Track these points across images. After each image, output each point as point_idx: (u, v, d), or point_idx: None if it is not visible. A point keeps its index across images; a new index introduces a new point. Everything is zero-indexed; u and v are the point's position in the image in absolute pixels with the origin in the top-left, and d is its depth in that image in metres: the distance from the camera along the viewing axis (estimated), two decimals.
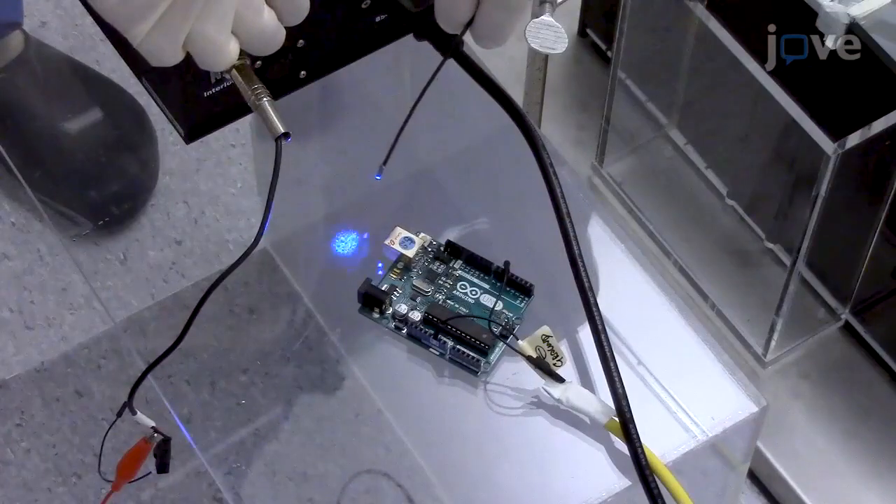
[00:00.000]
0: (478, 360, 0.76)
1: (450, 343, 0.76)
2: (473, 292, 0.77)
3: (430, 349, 0.76)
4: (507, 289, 0.77)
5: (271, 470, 0.95)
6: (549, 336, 0.77)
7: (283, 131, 0.72)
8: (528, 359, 0.76)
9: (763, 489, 1.13)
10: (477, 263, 0.78)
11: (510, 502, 0.77)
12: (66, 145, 1.24)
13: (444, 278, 0.75)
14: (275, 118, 0.72)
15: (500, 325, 0.76)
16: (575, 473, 0.77)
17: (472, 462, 0.78)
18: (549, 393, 0.76)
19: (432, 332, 0.76)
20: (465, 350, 0.76)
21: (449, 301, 0.77)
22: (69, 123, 1.25)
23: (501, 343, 0.76)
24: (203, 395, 0.72)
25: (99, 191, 1.24)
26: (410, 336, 0.78)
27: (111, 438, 1.04)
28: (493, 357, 0.77)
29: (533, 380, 0.77)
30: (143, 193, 1.26)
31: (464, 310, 0.76)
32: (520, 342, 0.76)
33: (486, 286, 0.77)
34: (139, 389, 0.71)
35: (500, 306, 0.77)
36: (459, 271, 0.77)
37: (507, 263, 0.77)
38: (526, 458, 0.78)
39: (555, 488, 0.77)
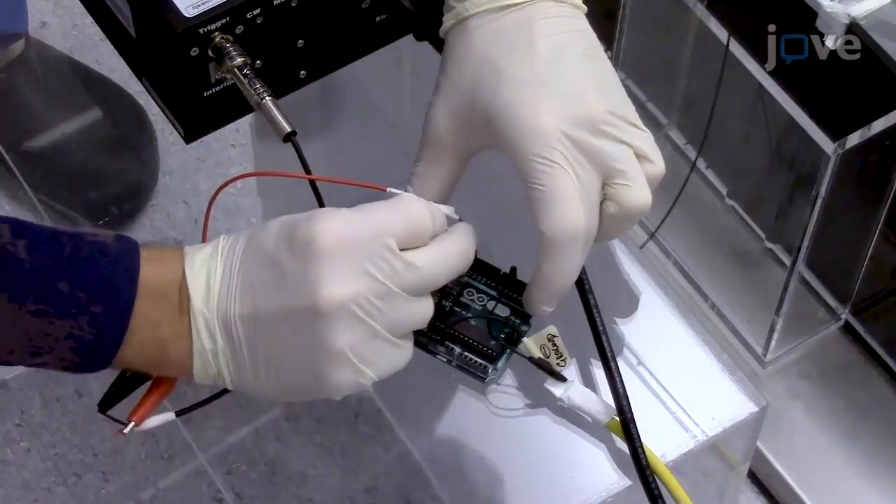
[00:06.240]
0: (485, 367, 0.75)
1: (457, 350, 0.75)
2: (480, 298, 0.77)
3: (437, 356, 0.76)
4: (514, 294, 0.77)
5: (271, 470, 0.95)
6: (554, 336, 0.77)
7: (289, 130, 0.72)
8: (531, 360, 0.76)
9: (763, 489, 1.13)
10: (484, 269, 0.77)
11: (510, 502, 0.77)
12: (66, 145, 1.24)
13: (450, 284, 0.75)
14: (279, 117, 0.72)
15: (508, 331, 0.76)
16: (575, 473, 0.77)
17: (473, 461, 0.78)
18: (551, 392, 0.76)
19: (439, 338, 0.75)
20: (472, 357, 0.75)
21: (456, 308, 0.76)
22: (69, 123, 1.25)
23: (508, 349, 0.76)
24: (203, 395, 0.72)
25: (99, 191, 1.24)
26: (417, 343, 0.76)
27: (111, 439, 1.04)
28: (500, 364, 0.76)
29: (535, 379, 0.77)
30: (143, 193, 1.26)
31: (471, 316, 0.76)
32: (525, 340, 0.76)
33: (493, 292, 0.77)
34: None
35: (506, 312, 0.76)
36: (466, 277, 0.77)
37: (513, 269, 0.77)
38: (526, 457, 0.78)
39: (555, 488, 0.77)
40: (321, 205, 0.72)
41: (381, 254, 0.66)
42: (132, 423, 0.68)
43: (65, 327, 0.64)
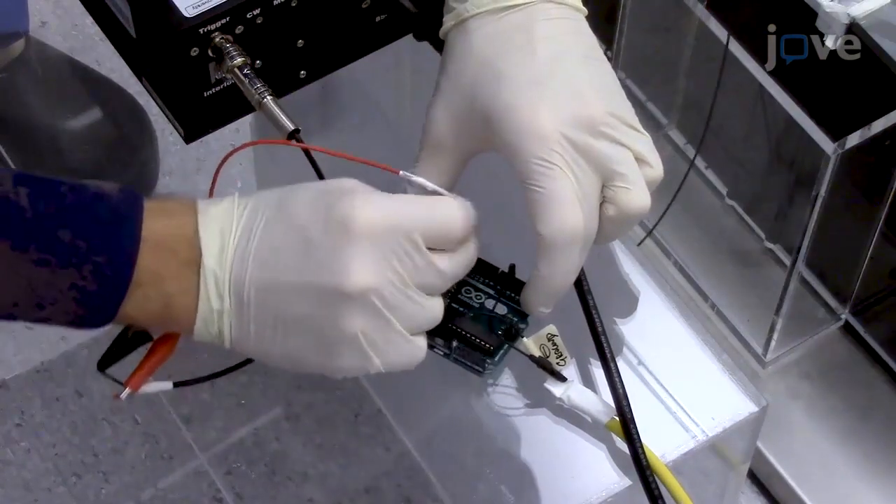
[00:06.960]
0: (483, 360, 0.75)
1: (454, 344, 0.75)
2: (478, 296, 0.77)
3: (435, 349, 0.76)
4: (513, 293, 0.77)
5: (271, 470, 0.95)
6: (554, 335, 0.77)
7: (292, 128, 0.72)
8: (531, 358, 0.76)
9: (763, 489, 1.13)
10: (482, 268, 0.77)
11: (510, 502, 0.77)
12: (66, 145, 1.24)
13: None
14: (282, 116, 0.72)
15: (506, 328, 0.76)
16: (575, 473, 0.77)
17: (473, 462, 0.78)
18: (551, 392, 0.76)
19: (437, 334, 0.75)
20: (470, 350, 0.75)
21: (454, 305, 0.76)
22: (69, 123, 1.25)
23: (506, 344, 0.76)
24: (203, 395, 0.72)
25: None
26: None
27: (111, 439, 1.04)
28: (497, 358, 0.76)
29: (535, 378, 0.77)
30: (143, 193, 1.26)
31: (469, 315, 0.76)
32: (524, 340, 0.76)
33: (492, 291, 0.77)
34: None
35: (504, 310, 0.76)
36: (464, 275, 0.77)
37: (511, 267, 0.77)
38: (526, 457, 0.78)
39: (555, 488, 0.77)
40: None
41: (408, 249, 0.66)
42: (128, 389, 0.68)
43: (68, 277, 0.63)
